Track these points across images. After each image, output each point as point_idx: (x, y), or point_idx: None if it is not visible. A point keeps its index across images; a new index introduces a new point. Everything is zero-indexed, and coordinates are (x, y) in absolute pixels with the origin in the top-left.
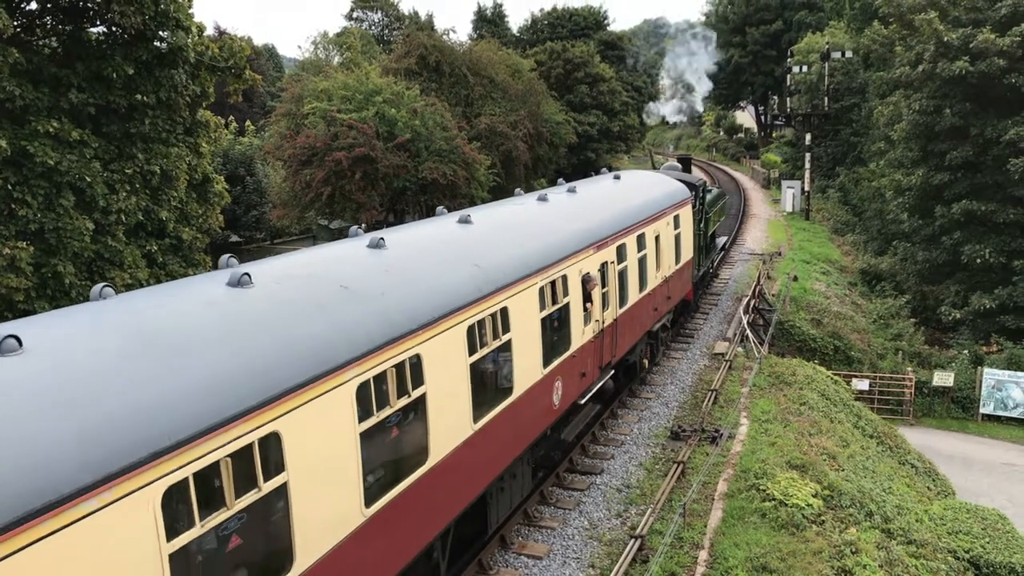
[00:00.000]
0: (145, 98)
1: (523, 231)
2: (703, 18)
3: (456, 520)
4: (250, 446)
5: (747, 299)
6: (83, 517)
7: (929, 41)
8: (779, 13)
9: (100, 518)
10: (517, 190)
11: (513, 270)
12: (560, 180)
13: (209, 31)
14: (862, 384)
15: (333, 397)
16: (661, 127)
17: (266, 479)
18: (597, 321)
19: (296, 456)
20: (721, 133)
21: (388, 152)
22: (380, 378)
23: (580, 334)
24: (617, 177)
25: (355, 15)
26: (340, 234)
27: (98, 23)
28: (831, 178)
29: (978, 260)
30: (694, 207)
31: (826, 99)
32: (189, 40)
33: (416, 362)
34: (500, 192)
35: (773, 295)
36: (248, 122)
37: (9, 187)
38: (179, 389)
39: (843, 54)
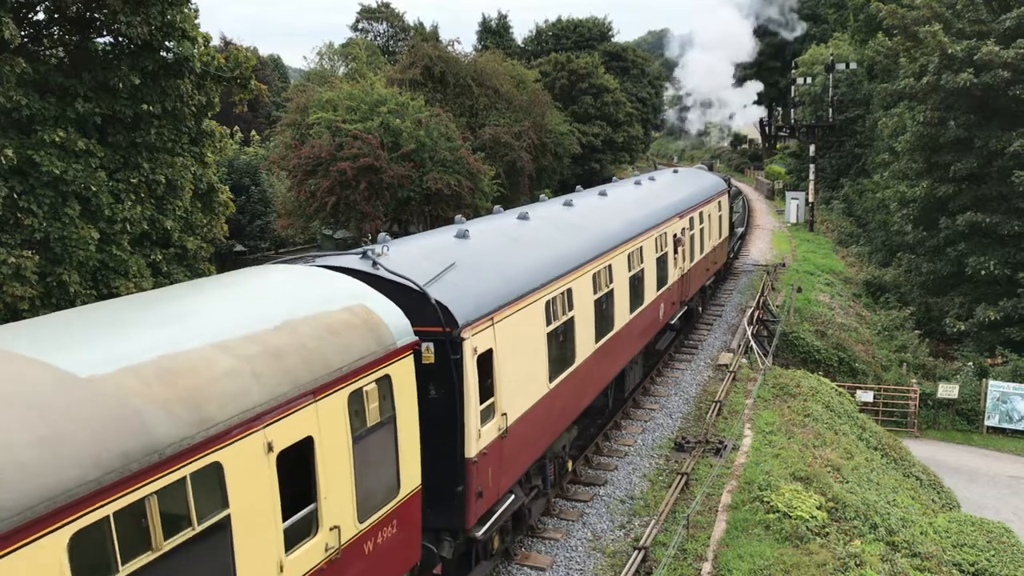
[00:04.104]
0: (151, 108)
1: (640, 202)
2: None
3: (616, 376)
4: (562, 293)
5: (751, 310)
6: (518, 311)
7: (933, 53)
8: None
9: (525, 311)
10: (614, 177)
11: (641, 225)
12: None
13: (215, 41)
14: (866, 396)
15: (582, 280)
16: (665, 138)
17: (567, 311)
18: (680, 268)
19: (576, 305)
20: (725, 144)
21: (393, 162)
22: (598, 274)
23: (672, 275)
24: (676, 171)
25: (360, 26)
26: (344, 244)
27: (105, 33)
28: (835, 189)
29: (983, 272)
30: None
31: (830, 110)
32: (195, 50)
33: (610, 270)
34: (505, 202)
35: (777, 306)
36: (253, 132)
37: (15, 196)
38: (536, 263)
39: (847, 66)
